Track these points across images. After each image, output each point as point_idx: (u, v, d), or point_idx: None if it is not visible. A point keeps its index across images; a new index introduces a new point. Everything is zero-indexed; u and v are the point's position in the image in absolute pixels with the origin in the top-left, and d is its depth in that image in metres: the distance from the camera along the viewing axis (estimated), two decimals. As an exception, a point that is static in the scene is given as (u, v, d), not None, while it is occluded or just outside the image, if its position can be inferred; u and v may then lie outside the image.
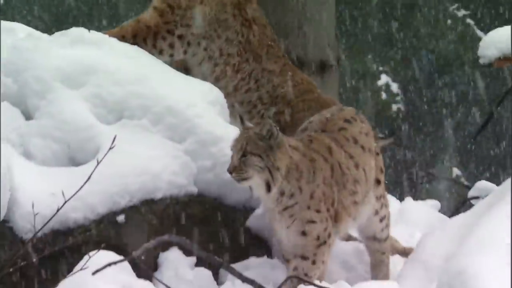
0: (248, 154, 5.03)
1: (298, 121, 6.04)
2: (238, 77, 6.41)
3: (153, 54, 6.44)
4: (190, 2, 6.53)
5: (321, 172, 5.17)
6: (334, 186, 5.22)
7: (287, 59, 6.66)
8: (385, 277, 5.72)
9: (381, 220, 5.61)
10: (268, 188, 5.08)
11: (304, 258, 5.18)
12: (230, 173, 5.04)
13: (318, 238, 5.16)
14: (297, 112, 6.31)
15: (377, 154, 5.63)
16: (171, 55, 6.62)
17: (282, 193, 5.13)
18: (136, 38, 6.58)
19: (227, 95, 6.24)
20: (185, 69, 6.49)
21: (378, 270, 5.72)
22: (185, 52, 6.65)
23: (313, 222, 5.14)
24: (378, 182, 5.58)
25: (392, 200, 6.56)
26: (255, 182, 5.09)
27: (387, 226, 5.67)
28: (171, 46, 6.55)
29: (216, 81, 6.55)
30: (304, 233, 5.16)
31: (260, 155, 5.02)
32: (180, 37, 6.56)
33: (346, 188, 5.30)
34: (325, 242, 5.17)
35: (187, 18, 6.53)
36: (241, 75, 6.43)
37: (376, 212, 5.60)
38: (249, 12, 6.63)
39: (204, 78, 6.58)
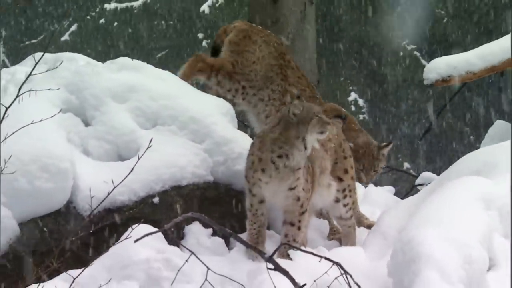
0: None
1: None
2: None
3: (221, 88, 6.48)
4: (248, 62, 6.53)
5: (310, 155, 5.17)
6: (310, 163, 5.20)
7: (319, 98, 6.60)
8: (353, 243, 5.69)
9: (344, 206, 5.57)
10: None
11: (292, 224, 5.16)
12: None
13: (302, 206, 5.14)
14: None
15: (345, 158, 5.55)
16: (233, 96, 6.63)
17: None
18: (220, 70, 6.57)
19: None
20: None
21: (347, 239, 5.70)
22: (243, 99, 6.69)
23: (297, 189, 5.12)
24: (339, 179, 5.52)
25: (359, 186, 6.53)
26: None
27: (351, 209, 5.63)
28: (236, 91, 6.55)
29: (266, 118, 6.62)
30: (296, 199, 5.14)
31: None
32: (243, 87, 6.55)
33: (316, 162, 5.28)
34: (306, 210, 5.16)
35: (247, 74, 6.53)
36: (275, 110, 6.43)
37: (338, 200, 5.55)
38: (289, 72, 6.61)
39: (258, 115, 6.70)
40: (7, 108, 4.48)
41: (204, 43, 18.22)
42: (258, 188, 5.16)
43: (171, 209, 5.53)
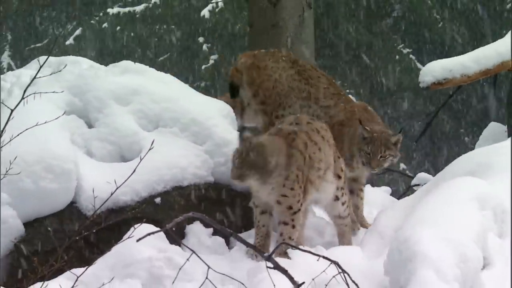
0: (247, 171, 5.02)
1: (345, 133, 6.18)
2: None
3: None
4: (269, 90, 6.47)
5: (296, 163, 5.13)
6: (305, 171, 5.18)
7: (343, 94, 6.56)
8: (349, 242, 5.69)
9: (342, 204, 5.56)
10: (260, 184, 5.10)
11: (285, 223, 5.16)
12: (234, 179, 5.07)
13: (291, 207, 5.13)
14: (347, 126, 6.25)
15: (339, 157, 5.56)
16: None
17: (272, 180, 5.14)
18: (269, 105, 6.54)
19: None
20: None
21: (343, 237, 5.68)
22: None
23: (285, 196, 5.12)
24: (338, 177, 5.51)
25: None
26: (252, 178, 5.09)
27: (348, 207, 5.62)
28: (277, 117, 6.42)
29: None
30: (278, 203, 5.15)
31: (256, 173, 5.04)
32: (277, 116, 6.43)
33: (313, 167, 5.26)
34: (299, 210, 5.15)
35: (274, 101, 6.45)
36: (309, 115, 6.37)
37: (337, 198, 5.53)
38: (308, 74, 6.53)
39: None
40: (12, 110, 4.47)
41: (204, 47, 18.22)
42: (256, 198, 5.23)
43: (173, 209, 5.53)
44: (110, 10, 18.26)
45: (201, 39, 18.23)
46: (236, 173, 5.04)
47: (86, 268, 4.63)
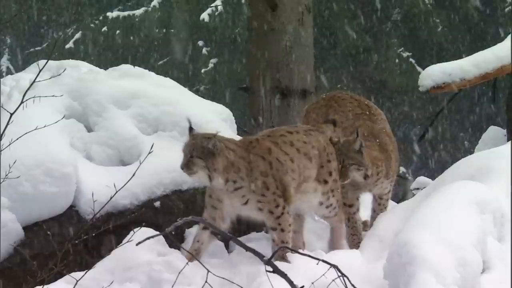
0: (194, 156, 4.99)
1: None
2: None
3: None
4: None
5: (258, 169, 5.07)
6: (275, 175, 5.11)
7: (369, 114, 6.31)
8: (340, 236, 5.66)
9: (327, 207, 5.47)
10: (210, 180, 5.04)
11: (273, 229, 5.14)
12: (182, 168, 5.01)
13: (272, 212, 5.11)
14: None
15: (329, 161, 5.43)
16: None
17: (226, 181, 5.06)
18: None
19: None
20: None
21: (334, 231, 5.64)
22: None
23: (261, 202, 5.09)
24: (325, 181, 5.42)
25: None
26: (199, 176, 5.03)
27: (335, 208, 5.49)
28: None
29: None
30: (260, 209, 5.12)
31: (202, 158, 4.98)
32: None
33: (287, 173, 5.18)
34: (282, 213, 5.12)
35: None
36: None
37: (321, 203, 5.45)
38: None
39: None
40: (11, 114, 4.48)
41: (204, 50, 18.24)
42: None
43: (172, 213, 5.54)
44: (109, 14, 18.27)
45: (200, 43, 18.25)
46: (184, 161, 5.00)
47: (86, 272, 4.64)
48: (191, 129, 5.16)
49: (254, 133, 7.49)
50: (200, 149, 4.98)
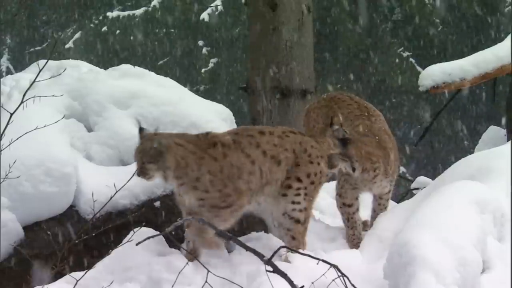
0: (145, 162, 4.90)
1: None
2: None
3: None
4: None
5: (207, 166, 4.98)
6: (224, 178, 5.01)
7: (368, 116, 6.31)
8: (297, 245, 5.36)
9: (293, 203, 5.25)
10: (165, 180, 4.98)
11: (216, 217, 5.01)
12: (138, 176, 4.93)
13: (213, 206, 5.00)
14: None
15: (311, 163, 5.29)
16: None
17: (177, 178, 4.98)
18: None
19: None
20: None
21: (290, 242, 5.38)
22: None
23: (201, 199, 5.00)
24: (298, 179, 5.26)
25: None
26: (157, 178, 4.96)
27: (301, 210, 5.25)
28: None
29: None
30: (200, 200, 5.01)
31: (153, 162, 4.90)
32: None
33: (242, 178, 5.07)
34: (225, 207, 5.01)
35: None
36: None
37: (284, 212, 5.27)
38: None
39: None
40: (11, 114, 4.48)
41: (204, 50, 18.25)
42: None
43: (172, 213, 5.53)
44: (109, 14, 18.29)
45: (200, 43, 18.26)
46: (137, 170, 4.92)
47: (86, 272, 4.64)
48: (141, 130, 5.07)
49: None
50: (148, 152, 4.91)
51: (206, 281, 4.25)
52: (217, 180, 5.01)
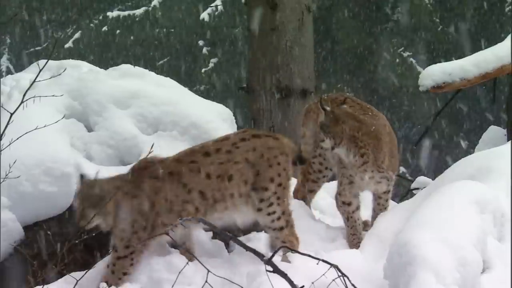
0: (85, 208, 4.83)
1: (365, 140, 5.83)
2: None
3: None
4: None
5: (137, 206, 4.93)
6: (152, 214, 4.95)
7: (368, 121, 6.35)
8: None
9: (269, 214, 5.18)
10: (105, 224, 4.92)
11: (115, 252, 4.94)
12: (79, 222, 4.84)
13: (122, 239, 4.93)
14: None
15: (270, 166, 5.17)
16: None
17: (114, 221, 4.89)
18: None
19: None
20: None
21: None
22: None
23: (122, 239, 4.93)
24: (264, 188, 5.16)
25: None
26: (96, 223, 4.90)
27: (279, 218, 5.19)
28: None
29: None
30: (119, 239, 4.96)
31: (92, 207, 4.82)
32: None
33: (173, 211, 5.00)
34: (125, 257, 4.92)
35: None
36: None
37: (260, 210, 5.18)
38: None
39: None
40: (11, 114, 4.49)
41: (204, 50, 18.25)
42: None
43: (172, 213, 5.53)
44: (109, 14, 18.29)
45: (200, 43, 18.26)
46: (77, 217, 4.85)
47: (86, 272, 4.64)
48: (81, 176, 4.98)
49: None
50: (88, 198, 4.84)
51: (206, 281, 4.25)
52: (140, 219, 4.93)
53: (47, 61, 5.16)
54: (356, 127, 5.69)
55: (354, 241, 5.75)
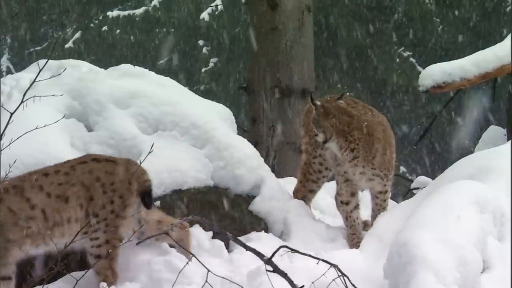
0: None
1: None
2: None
3: None
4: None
5: None
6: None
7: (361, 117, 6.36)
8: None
9: (91, 240, 4.99)
10: None
11: None
12: None
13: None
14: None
15: (104, 192, 5.00)
16: None
17: None
18: None
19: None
20: None
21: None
22: None
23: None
24: (95, 215, 4.98)
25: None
26: None
27: (100, 246, 4.97)
28: None
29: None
30: None
31: None
32: None
33: (18, 225, 4.85)
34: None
35: None
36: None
37: (84, 249, 5.00)
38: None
39: None
40: (11, 114, 4.49)
41: (204, 50, 18.25)
42: None
43: (172, 213, 5.54)
44: (109, 13, 18.29)
45: (200, 42, 18.26)
46: None
47: (86, 272, 4.64)
48: None
49: (255, 132, 7.40)
50: None
51: (206, 281, 4.26)
52: None
53: (47, 61, 5.16)
54: (347, 121, 5.72)
55: (354, 241, 5.75)
